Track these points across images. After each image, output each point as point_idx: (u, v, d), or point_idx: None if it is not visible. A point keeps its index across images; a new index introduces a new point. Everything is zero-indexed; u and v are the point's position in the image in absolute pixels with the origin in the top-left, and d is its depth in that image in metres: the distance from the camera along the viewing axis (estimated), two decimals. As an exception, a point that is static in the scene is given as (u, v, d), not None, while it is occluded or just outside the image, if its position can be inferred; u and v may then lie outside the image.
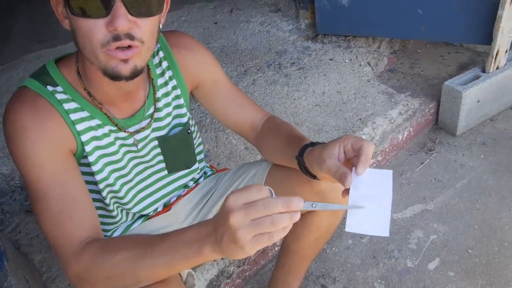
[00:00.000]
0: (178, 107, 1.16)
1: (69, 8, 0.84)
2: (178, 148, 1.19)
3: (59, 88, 0.97)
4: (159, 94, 1.11)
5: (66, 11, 0.86)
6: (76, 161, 1.00)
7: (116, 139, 1.06)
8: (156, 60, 1.11)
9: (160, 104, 1.12)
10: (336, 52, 2.66)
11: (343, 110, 2.25)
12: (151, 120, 1.11)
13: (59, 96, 0.97)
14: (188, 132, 1.19)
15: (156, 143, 1.15)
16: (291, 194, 0.71)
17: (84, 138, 1.00)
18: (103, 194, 1.09)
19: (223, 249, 0.72)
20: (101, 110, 1.01)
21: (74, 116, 0.98)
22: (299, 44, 2.79)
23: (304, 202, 0.71)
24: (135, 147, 1.10)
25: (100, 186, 1.07)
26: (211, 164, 1.50)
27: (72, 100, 0.98)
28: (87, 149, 1.01)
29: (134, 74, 0.88)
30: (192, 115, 1.24)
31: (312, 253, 1.38)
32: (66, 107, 0.97)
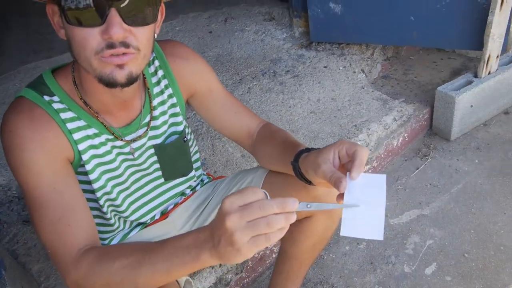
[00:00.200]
0: (174, 115, 1.17)
1: (65, 17, 0.85)
2: (175, 156, 1.20)
3: (55, 98, 0.98)
4: (155, 103, 1.12)
5: (62, 21, 0.87)
6: (74, 170, 1.01)
7: (113, 147, 1.07)
8: (151, 69, 1.12)
9: (156, 113, 1.13)
10: (330, 60, 2.68)
11: (338, 117, 2.26)
12: (147, 129, 1.12)
13: (56, 106, 0.97)
14: (184, 140, 1.20)
15: (152, 151, 1.15)
16: None
17: (81, 147, 1.00)
18: (100, 203, 1.10)
19: (220, 252, 0.72)
20: (97, 119, 1.02)
21: (71, 125, 0.99)
22: (294, 52, 2.81)
23: (299, 202, 0.72)
24: (132, 156, 1.11)
25: (98, 195, 1.08)
26: (208, 172, 1.50)
27: (69, 109, 0.99)
28: (84, 158, 1.02)
29: (129, 81, 0.88)
30: (188, 124, 1.25)
31: (310, 258, 1.38)
32: (63, 116, 0.98)
